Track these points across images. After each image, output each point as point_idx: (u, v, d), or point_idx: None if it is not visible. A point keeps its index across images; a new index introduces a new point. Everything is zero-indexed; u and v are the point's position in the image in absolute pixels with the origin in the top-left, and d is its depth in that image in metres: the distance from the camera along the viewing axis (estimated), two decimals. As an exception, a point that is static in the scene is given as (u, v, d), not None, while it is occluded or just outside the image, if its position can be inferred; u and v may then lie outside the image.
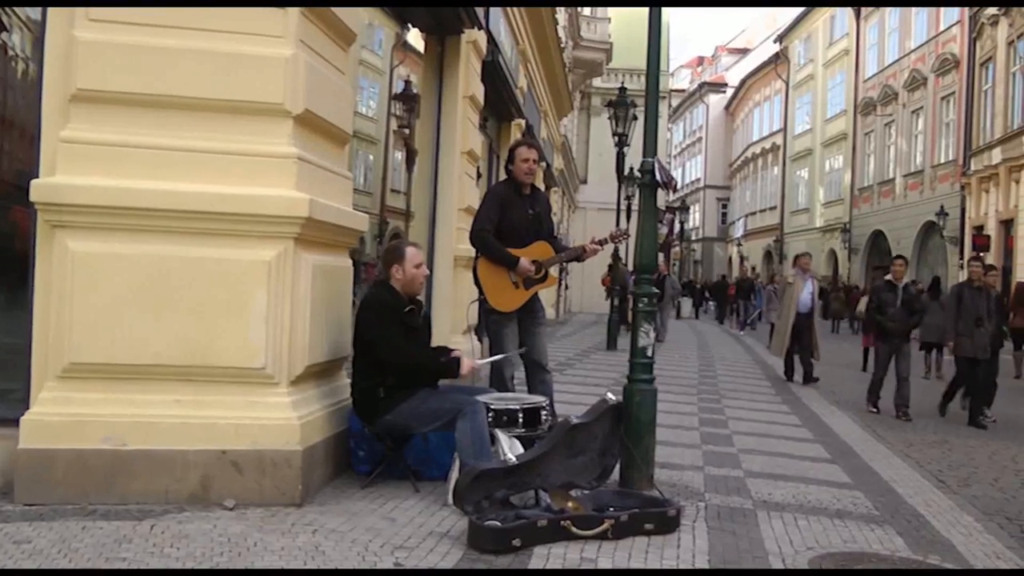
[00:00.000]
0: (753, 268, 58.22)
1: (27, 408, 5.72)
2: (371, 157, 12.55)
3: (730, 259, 73.55)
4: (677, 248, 63.85)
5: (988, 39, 34.06)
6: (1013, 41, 31.93)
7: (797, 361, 16.61)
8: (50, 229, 5.71)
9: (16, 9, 6.47)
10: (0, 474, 5.71)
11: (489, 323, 7.65)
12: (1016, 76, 31.87)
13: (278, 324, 5.90)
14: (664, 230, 49.96)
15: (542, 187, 24.55)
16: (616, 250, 24.67)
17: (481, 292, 7.57)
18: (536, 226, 7.84)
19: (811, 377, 16.27)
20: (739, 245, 69.57)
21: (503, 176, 8.19)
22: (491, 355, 7.66)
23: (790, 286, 16.65)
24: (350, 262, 7.25)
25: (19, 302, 5.96)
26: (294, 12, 5.96)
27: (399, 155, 13.15)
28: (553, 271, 7.92)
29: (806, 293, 16.54)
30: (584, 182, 46.33)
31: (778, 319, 17.11)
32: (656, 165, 7.07)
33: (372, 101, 12.57)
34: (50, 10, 5.87)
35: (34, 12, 6.11)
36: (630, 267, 22.33)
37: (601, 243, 8.07)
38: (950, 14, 38.12)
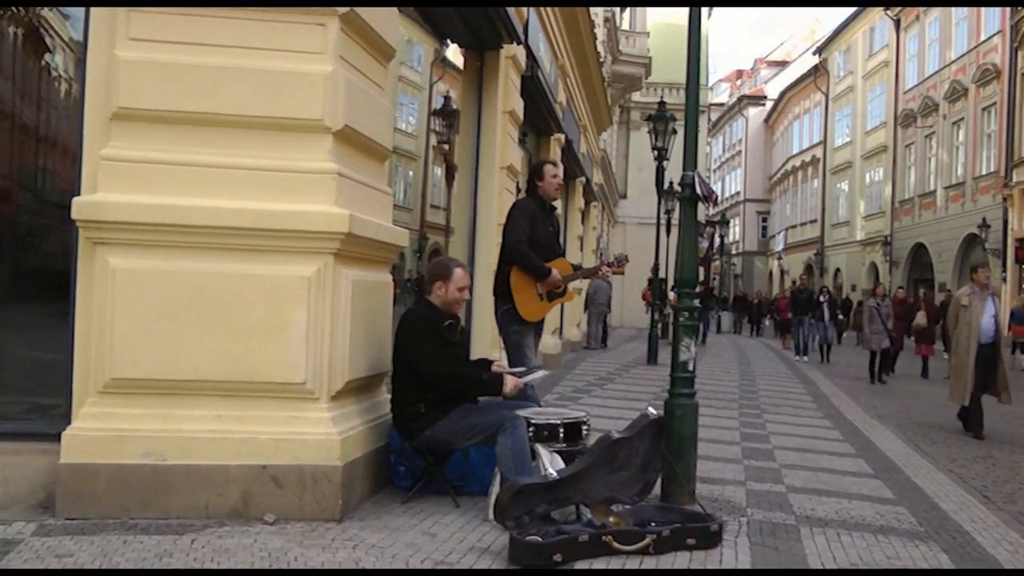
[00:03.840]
0: (794, 280, 57.82)
1: (68, 423, 5.76)
2: (411, 173, 12.56)
3: (770, 273, 73.25)
4: (717, 262, 63.61)
5: (1031, 49, 33.76)
6: (1056, 51, 31.62)
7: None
8: (91, 246, 5.75)
9: (59, 30, 6.54)
10: (42, 488, 5.76)
11: (510, 333, 7.76)
12: (1059, 86, 31.55)
13: (318, 339, 5.92)
14: (704, 244, 49.83)
15: (582, 203, 24.69)
16: (656, 265, 24.65)
17: (508, 300, 7.63)
18: (554, 242, 8.08)
19: (980, 426, 12.36)
20: (779, 259, 69.25)
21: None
22: (510, 364, 7.72)
23: (965, 309, 12.57)
24: (390, 277, 7.25)
25: (61, 319, 6.00)
26: (333, 28, 5.98)
27: (439, 171, 13.17)
28: (571, 287, 8.13)
29: (987, 317, 12.57)
30: (624, 197, 46.32)
31: (954, 354, 12.86)
32: (696, 179, 7.05)
33: (412, 117, 12.58)
34: (91, 30, 5.92)
35: (76, 33, 6.17)
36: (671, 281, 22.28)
37: (610, 265, 8.62)
38: (991, 24, 37.80)
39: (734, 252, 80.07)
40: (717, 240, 57.37)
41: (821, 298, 26.83)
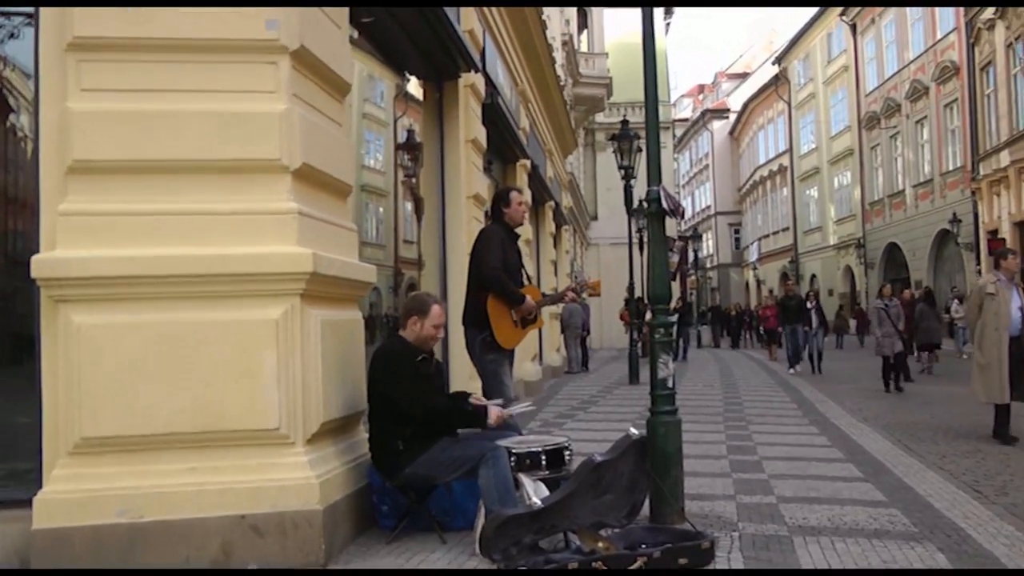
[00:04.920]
0: (771, 289, 57.97)
1: (41, 487, 5.62)
2: (381, 209, 12.48)
3: (747, 284, 73.48)
4: (693, 277, 63.67)
5: (986, 43, 34.03)
6: (1012, 43, 31.86)
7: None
8: (53, 304, 5.65)
9: (21, 90, 6.44)
10: (16, 556, 5.62)
11: (486, 362, 7.63)
12: (1017, 78, 31.75)
13: (290, 383, 5.82)
14: (676, 258, 49.85)
15: (553, 227, 24.67)
16: (632, 284, 24.66)
17: (485, 328, 7.54)
18: (520, 269, 8.01)
19: (1006, 430, 11.26)
20: (754, 269, 69.50)
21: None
22: (486, 393, 7.62)
23: (990, 298, 11.22)
24: (360, 315, 7.16)
25: (30, 382, 5.86)
26: (285, 66, 5.92)
27: (408, 205, 13.09)
28: (542, 313, 8.14)
29: (1014, 308, 11.19)
30: (595, 218, 46.35)
31: (978, 348, 11.50)
32: (662, 193, 7.02)
33: (379, 154, 12.52)
34: (42, 83, 5.84)
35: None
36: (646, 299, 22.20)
37: (575, 291, 8.78)
38: (946, 22, 38.19)
39: (709, 266, 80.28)
40: (691, 255, 57.37)
41: (809, 304, 25.29)
